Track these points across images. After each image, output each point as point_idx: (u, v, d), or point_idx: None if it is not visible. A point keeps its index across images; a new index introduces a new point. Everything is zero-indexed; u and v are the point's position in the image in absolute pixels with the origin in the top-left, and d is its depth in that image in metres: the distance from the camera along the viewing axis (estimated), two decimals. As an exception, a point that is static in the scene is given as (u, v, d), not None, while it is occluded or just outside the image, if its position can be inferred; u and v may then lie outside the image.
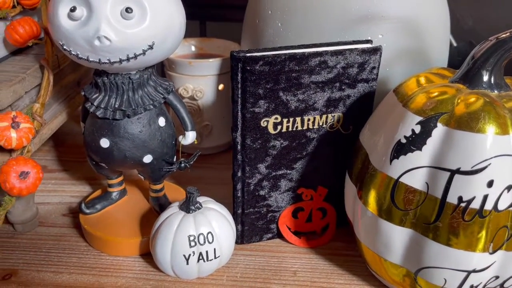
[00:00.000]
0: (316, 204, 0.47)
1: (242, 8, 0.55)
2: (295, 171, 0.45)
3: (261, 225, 0.46)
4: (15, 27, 0.44)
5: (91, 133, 0.42)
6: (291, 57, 0.39)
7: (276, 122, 0.41)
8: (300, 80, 0.40)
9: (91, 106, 0.41)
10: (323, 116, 0.42)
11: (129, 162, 0.43)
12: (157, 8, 0.37)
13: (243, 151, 0.42)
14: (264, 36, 0.48)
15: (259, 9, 0.49)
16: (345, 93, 0.42)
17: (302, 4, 0.45)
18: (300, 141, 0.43)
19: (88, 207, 0.47)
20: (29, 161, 0.38)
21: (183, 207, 0.41)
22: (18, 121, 0.38)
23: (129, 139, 0.42)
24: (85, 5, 0.36)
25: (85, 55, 0.37)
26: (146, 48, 0.38)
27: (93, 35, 0.36)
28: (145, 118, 0.42)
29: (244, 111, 0.40)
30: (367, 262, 0.40)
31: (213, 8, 1.01)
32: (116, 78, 0.40)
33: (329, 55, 0.39)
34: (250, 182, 0.44)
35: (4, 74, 0.43)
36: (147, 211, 0.48)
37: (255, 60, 0.38)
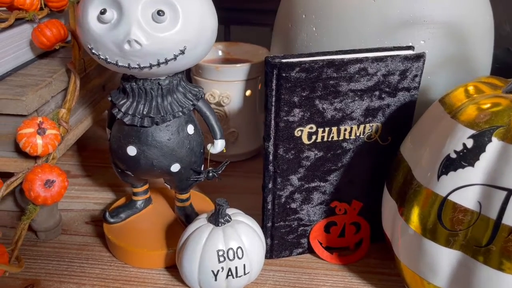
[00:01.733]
0: (350, 218, 0.44)
1: (266, 12, 0.53)
2: (328, 184, 0.42)
3: (291, 239, 0.44)
4: (43, 30, 0.43)
5: (118, 140, 0.41)
6: (329, 63, 0.36)
7: (311, 131, 0.39)
8: (338, 87, 0.38)
9: (118, 112, 0.39)
10: (360, 126, 0.40)
11: (156, 170, 0.41)
12: (190, 11, 0.35)
13: (275, 162, 0.40)
14: (297, 41, 0.46)
15: (292, 13, 0.47)
16: (385, 102, 0.39)
17: (338, 8, 0.43)
18: (336, 152, 0.41)
19: (112, 216, 0.45)
20: (55, 168, 0.36)
21: (212, 220, 0.39)
22: (44, 127, 0.36)
23: (157, 147, 0.40)
24: (115, 8, 0.34)
25: (114, 60, 0.36)
26: (177, 53, 0.36)
27: (123, 38, 0.34)
28: (174, 125, 0.40)
29: (277, 120, 0.38)
30: (406, 283, 0.38)
31: (238, 12, 1.00)
32: (145, 83, 0.38)
33: (369, 61, 0.37)
34: (281, 194, 0.42)
35: (30, 78, 0.42)
36: (172, 222, 0.46)
37: (292, 66, 0.36)
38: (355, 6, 0.42)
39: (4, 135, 0.41)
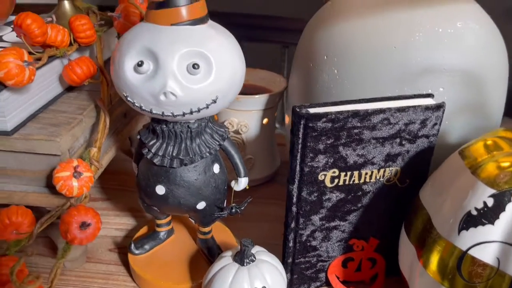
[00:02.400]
0: (367, 254, 0.46)
1: (278, 30, 0.54)
2: (348, 223, 0.44)
3: (310, 274, 0.46)
4: (74, 68, 0.44)
5: (146, 179, 0.42)
6: (354, 114, 0.38)
7: (334, 176, 0.41)
8: (361, 136, 0.39)
9: (148, 152, 0.41)
10: (380, 170, 0.42)
11: (183, 208, 0.43)
12: (222, 62, 0.37)
13: (299, 203, 0.41)
14: (318, 81, 0.48)
15: (313, 53, 0.49)
16: (405, 148, 0.41)
17: (361, 53, 0.44)
18: (356, 194, 0.42)
19: (137, 248, 0.47)
20: (90, 210, 0.38)
21: (237, 259, 0.40)
22: (80, 171, 0.38)
23: (185, 186, 0.41)
24: (151, 60, 0.36)
25: (148, 108, 0.37)
26: (209, 102, 0.37)
27: (160, 90, 0.36)
28: (201, 165, 0.42)
29: (302, 165, 0.40)
30: (422, 322, 0.40)
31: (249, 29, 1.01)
32: (175, 126, 0.40)
33: (392, 112, 0.39)
34: (302, 233, 0.43)
35: (62, 116, 0.44)
36: (195, 253, 0.48)
37: (319, 117, 0.37)
38: (377, 51, 0.43)
39: (37, 171, 0.42)
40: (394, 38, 0.43)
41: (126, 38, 0.37)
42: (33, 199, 0.42)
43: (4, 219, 0.39)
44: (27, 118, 0.42)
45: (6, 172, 0.43)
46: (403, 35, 0.43)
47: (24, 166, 0.42)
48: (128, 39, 0.37)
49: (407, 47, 0.43)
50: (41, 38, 0.43)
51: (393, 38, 0.43)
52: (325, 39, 0.47)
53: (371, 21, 0.44)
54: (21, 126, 0.41)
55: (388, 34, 0.43)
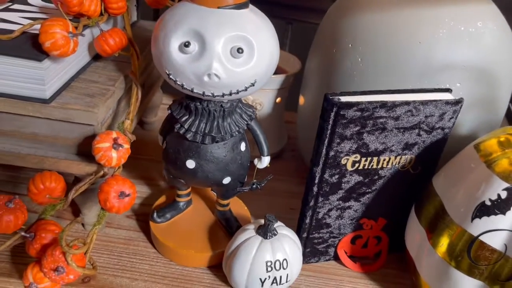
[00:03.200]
0: (374, 232, 0.50)
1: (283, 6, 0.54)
2: (361, 204, 0.47)
3: (321, 248, 0.49)
4: (107, 39, 0.45)
5: (177, 152, 0.44)
6: (382, 104, 0.40)
7: (355, 160, 0.44)
8: (385, 125, 0.42)
9: (180, 128, 0.43)
10: (397, 157, 0.45)
11: (209, 182, 0.45)
12: (263, 48, 0.38)
13: (320, 184, 0.44)
14: (341, 67, 0.50)
15: (338, 39, 0.50)
16: (421, 138, 0.44)
17: (386, 44, 0.46)
18: (372, 178, 0.45)
19: (159, 217, 0.49)
20: (127, 181, 0.40)
21: (261, 233, 0.43)
22: (119, 143, 0.39)
23: (214, 162, 0.43)
24: (197, 40, 0.37)
25: (190, 87, 0.39)
26: (248, 85, 0.39)
27: (204, 71, 0.37)
28: (230, 143, 0.44)
29: (328, 149, 0.42)
30: (424, 297, 0.44)
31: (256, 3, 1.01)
32: (209, 105, 0.42)
33: (416, 104, 0.41)
34: (319, 211, 0.46)
35: (94, 86, 0.45)
36: (213, 224, 0.50)
37: (350, 105, 0.40)
38: (403, 45, 0.46)
39: (68, 139, 0.43)
40: (420, 34, 0.45)
41: (171, 17, 0.38)
42: (64, 165, 0.44)
43: (38, 183, 0.40)
44: (61, 87, 0.43)
45: (38, 138, 0.44)
46: (429, 31, 0.45)
47: (57, 133, 0.43)
48: (175, 19, 0.38)
49: (431, 42, 0.45)
50: (78, 7, 0.43)
51: (419, 33, 0.45)
52: (351, 27, 0.49)
53: (398, 15, 0.46)
54: (57, 94, 0.42)
55: (414, 29, 0.45)
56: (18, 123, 0.43)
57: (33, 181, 0.40)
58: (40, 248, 0.38)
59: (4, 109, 0.41)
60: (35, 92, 0.40)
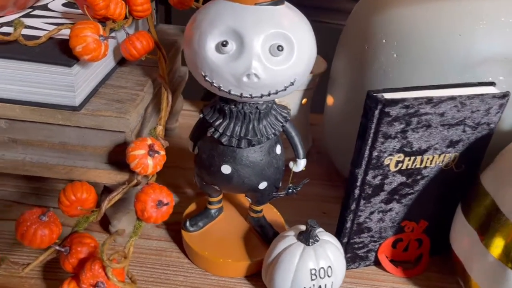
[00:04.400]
0: (415, 235, 0.48)
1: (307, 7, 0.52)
2: (402, 205, 0.45)
3: (361, 254, 0.47)
4: (134, 42, 0.43)
5: (211, 158, 0.42)
6: (428, 100, 0.39)
7: (399, 160, 0.42)
8: (430, 122, 0.40)
9: (215, 132, 0.41)
10: (441, 156, 0.43)
11: (245, 188, 0.43)
12: (302, 45, 0.37)
13: (362, 187, 0.42)
14: (374, 64, 0.48)
15: (369, 35, 0.48)
16: (466, 135, 0.42)
17: (423, 38, 0.44)
18: (415, 178, 0.43)
19: (192, 225, 0.47)
20: (164, 189, 0.38)
21: (302, 239, 0.41)
22: (155, 150, 0.37)
23: (250, 166, 0.42)
24: (235, 39, 0.35)
25: (227, 89, 0.37)
26: (288, 84, 0.37)
27: (243, 72, 0.35)
28: (266, 146, 0.42)
29: (371, 150, 0.40)
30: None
31: None
32: (244, 107, 0.40)
33: (462, 99, 0.40)
34: (361, 214, 0.44)
35: (123, 92, 0.43)
36: (247, 231, 0.49)
37: (395, 102, 0.38)
38: (442, 38, 0.44)
39: (98, 147, 0.42)
40: (460, 26, 0.43)
41: (206, 16, 0.36)
42: (95, 175, 0.42)
43: (70, 195, 0.38)
44: (90, 93, 0.41)
45: (66, 147, 0.42)
46: (469, 23, 0.43)
47: (86, 141, 0.41)
48: (210, 18, 0.36)
49: (471, 35, 0.43)
50: (104, 10, 0.41)
51: (458, 25, 0.43)
52: (384, 22, 0.47)
53: (435, 7, 0.44)
54: (86, 101, 0.40)
55: (453, 22, 0.43)
56: (46, 133, 0.41)
57: (64, 193, 0.39)
58: (76, 263, 0.36)
59: (32, 118, 0.39)
60: (64, 99, 0.39)
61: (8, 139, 0.42)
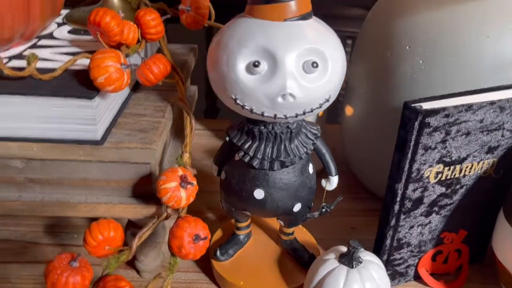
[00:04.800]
0: (454, 246, 0.46)
1: None
2: (441, 216, 0.43)
3: (401, 270, 0.45)
4: (151, 67, 0.41)
5: (242, 183, 0.40)
6: (468, 107, 0.37)
7: (438, 171, 0.40)
8: (469, 129, 0.38)
9: (245, 155, 0.39)
10: (480, 163, 0.41)
11: (279, 211, 0.41)
12: (335, 59, 0.35)
13: (402, 201, 0.40)
14: (399, 72, 0.46)
15: (391, 42, 0.47)
16: (505, 139, 0.41)
17: (450, 43, 0.43)
18: (454, 188, 0.42)
19: (222, 254, 0.45)
20: (199, 221, 0.35)
21: (345, 262, 0.39)
22: (187, 181, 0.35)
23: (284, 189, 0.40)
24: (267, 59, 0.33)
25: (260, 111, 0.35)
26: (323, 101, 0.35)
27: (278, 92, 0.33)
28: (299, 166, 0.40)
29: (412, 163, 0.38)
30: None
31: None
32: (275, 127, 0.38)
33: (501, 103, 0.38)
34: (400, 230, 0.42)
35: (144, 120, 0.41)
36: (280, 255, 0.46)
37: (436, 112, 0.36)
38: (469, 41, 0.42)
39: (124, 181, 0.39)
40: (487, 27, 0.42)
41: (232, 36, 0.34)
42: (120, 210, 0.40)
43: (96, 234, 0.36)
44: (110, 125, 0.39)
45: (88, 183, 0.39)
46: (496, 24, 0.42)
47: (109, 176, 0.39)
48: (237, 38, 0.34)
49: (499, 36, 0.42)
50: (119, 36, 0.39)
51: (485, 27, 0.42)
52: (407, 28, 0.45)
53: (459, 9, 0.43)
54: (107, 134, 0.38)
55: (480, 23, 0.42)
56: (65, 169, 0.39)
57: (90, 233, 0.36)
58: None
59: (51, 156, 0.37)
60: (85, 133, 0.36)
61: (25, 179, 0.39)
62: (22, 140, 0.36)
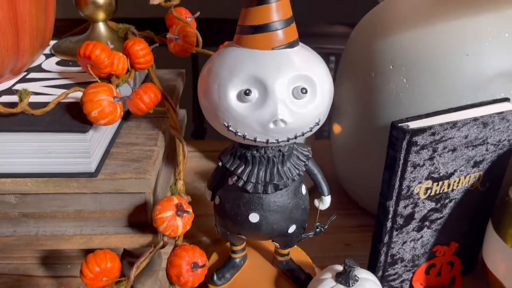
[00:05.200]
0: (447, 258, 0.47)
1: None
2: (433, 230, 0.44)
3: (396, 285, 0.46)
4: (141, 96, 0.41)
5: (236, 207, 0.40)
6: (453, 125, 0.38)
7: (427, 187, 0.41)
8: (455, 145, 0.40)
9: (238, 180, 0.39)
10: (467, 177, 0.42)
11: (274, 234, 0.41)
12: (323, 84, 0.36)
13: (394, 218, 0.41)
14: (384, 91, 0.48)
15: (375, 62, 0.48)
16: (489, 153, 0.42)
17: (431, 62, 0.44)
18: (444, 202, 0.43)
19: (219, 278, 0.45)
20: (196, 249, 0.36)
21: (341, 281, 0.40)
22: (183, 209, 0.35)
23: (279, 212, 0.40)
24: (257, 87, 0.34)
25: (253, 137, 0.35)
26: (313, 125, 0.36)
27: (270, 118, 0.34)
28: (292, 188, 0.41)
29: (401, 180, 0.39)
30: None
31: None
32: (267, 151, 0.38)
33: (483, 119, 0.39)
34: (393, 246, 0.43)
35: (136, 149, 0.41)
36: (276, 276, 0.47)
37: (422, 131, 0.37)
38: (450, 59, 0.44)
39: (118, 211, 0.39)
40: (466, 46, 0.44)
41: (222, 65, 0.35)
42: (116, 241, 0.40)
43: (93, 266, 0.36)
44: (103, 156, 0.39)
45: (82, 215, 0.40)
46: (474, 42, 0.43)
47: (104, 207, 0.39)
48: (228, 67, 0.35)
49: (478, 53, 0.43)
50: (109, 68, 0.40)
51: (464, 45, 0.44)
52: (389, 48, 0.47)
53: (438, 30, 0.45)
54: (101, 165, 0.38)
55: (459, 42, 0.44)
56: (59, 203, 0.39)
57: (87, 265, 0.36)
58: None
59: (46, 190, 0.37)
60: (79, 166, 0.37)
61: (19, 214, 0.39)
62: (16, 175, 0.36)
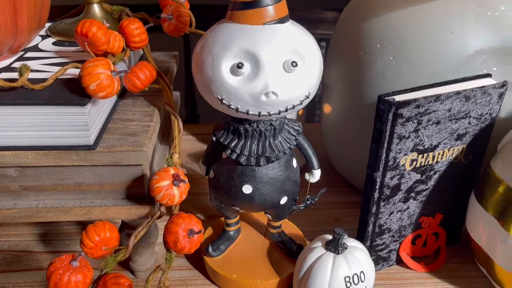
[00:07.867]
0: (432, 229, 0.49)
1: None
2: (418, 202, 0.46)
3: (384, 255, 0.48)
4: (137, 74, 0.43)
5: (230, 179, 0.42)
6: (437, 98, 0.40)
7: (413, 159, 0.43)
8: (439, 118, 0.41)
9: (232, 153, 0.41)
10: (450, 149, 0.44)
11: (267, 205, 0.43)
12: (313, 58, 0.37)
13: (381, 189, 0.43)
14: (372, 69, 0.49)
15: (363, 42, 0.50)
16: (472, 127, 0.44)
17: (417, 40, 0.46)
18: (428, 174, 0.45)
19: (214, 250, 0.47)
20: (192, 217, 0.37)
21: (331, 248, 0.41)
22: (179, 179, 0.37)
23: (271, 183, 0.42)
24: (250, 60, 0.36)
25: (245, 109, 0.37)
26: (303, 98, 0.38)
27: (261, 91, 0.36)
28: (283, 161, 0.42)
29: (388, 152, 0.41)
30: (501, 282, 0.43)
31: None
32: (260, 125, 0.40)
33: (466, 93, 0.41)
34: (381, 216, 0.45)
35: (133, 125, 0.42)
36: (269, 248, 0.48)
37: (407, 103, 0.39)
38: (434, 37, 0.45)
39: (117, 184, 0.41)
40: (450, 24, 0.45)
41: (215, 41, 0.36)
42: (114, 212, 0.41)
43: (93, 236, 0.37)
44: (101, 130, 0.41)
45: (81, 188, 0.41)
46: (459, 21, 0.45)
47: (103, 179, 0.41)
48: (221, 42, 0.36)
49: (462, 31, 0.45)
50: (106, 45, 0.41)
51: (449, 24, 0.45)
52: (377, 27, 0.49)
53: (424, 9, 0.46)
54: (99, 139, 0.40)
55: (444, 20, 0.45)
56: (59, 175, 0.40)
57: (87, 235, 0.37)
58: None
59: (46, 163, 0.38)
60: (79, 139, 0.38)
61: (19, 187, 0.40)
62: (17, 148, 0.38)
